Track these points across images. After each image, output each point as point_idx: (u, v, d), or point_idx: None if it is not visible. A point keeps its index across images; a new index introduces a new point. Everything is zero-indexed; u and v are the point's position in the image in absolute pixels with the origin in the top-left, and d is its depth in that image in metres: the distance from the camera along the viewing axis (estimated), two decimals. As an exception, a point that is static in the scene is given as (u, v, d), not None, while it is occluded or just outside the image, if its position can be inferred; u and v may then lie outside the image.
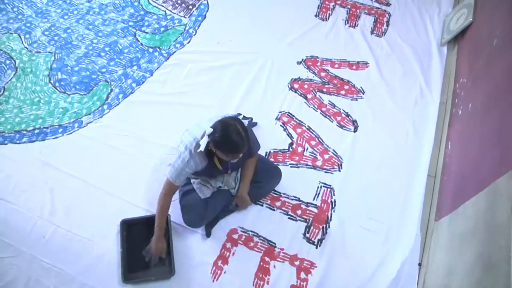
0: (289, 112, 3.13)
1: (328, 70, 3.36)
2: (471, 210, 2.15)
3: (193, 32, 3.60)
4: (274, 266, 2.52)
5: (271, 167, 2.72)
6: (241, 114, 2.98)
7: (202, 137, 2.13)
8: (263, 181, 2.66)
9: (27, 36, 3.57)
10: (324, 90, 3.25)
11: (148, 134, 3.00)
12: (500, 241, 1.73)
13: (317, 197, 2.76)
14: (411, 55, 3.45)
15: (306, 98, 3.20)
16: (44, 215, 2.69)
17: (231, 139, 2.07)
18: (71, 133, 3.05)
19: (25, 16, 3.71)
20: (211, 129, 2.09)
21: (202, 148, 2.11)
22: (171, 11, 3.75)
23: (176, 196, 2.64)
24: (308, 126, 3.06)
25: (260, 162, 2.63)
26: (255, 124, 3.01)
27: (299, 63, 3.41)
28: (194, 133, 2.24)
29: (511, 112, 2.08)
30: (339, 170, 2.87)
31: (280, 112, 3.13)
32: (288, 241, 2.60)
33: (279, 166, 2.76)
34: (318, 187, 2.80)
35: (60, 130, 3.06)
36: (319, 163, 2.90)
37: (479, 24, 3.17)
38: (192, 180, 2.55)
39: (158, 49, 3.49)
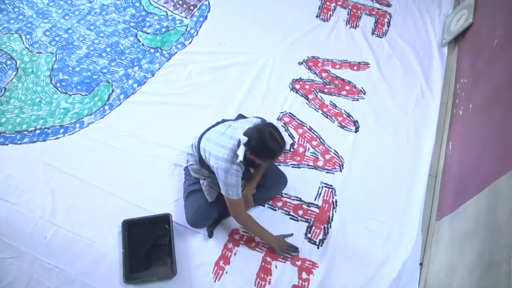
0: (290, 113, 3.13)
1: (329, 71, 3.37)
2: (472, 209, 2.15)
3: (194, 32, 3.61)
4: (276, 266, 2.52)
5: (277, 172, 2.73)
6: (241, 114, 2.97)
7: (238, 147, 2.18)
8: (269, 185, 2.67)
9: (28, 36, 3.57)
10: (325, 90, 3.26)
11: (150, 135, 3.00)
12: (501, 240, 1.73)
13: (319, 197, 2.77)
14: (411, 55, 3.46)
15: (307, 98, 3.21)
16: (45, 216, 2.68)
17: (268, 145, 2.12)
18: (72, 134, 3.04)
19: (26, 16, 3.71)
20: (246, 138, 2.13)
21: (240, 157, 2.14)
22: (172, 11, 3.76)
23: (179, 196, 2.65)
24: (310, 126, 3.07)
25: (268, 167, 2.64)
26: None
27: (300, 63, 3.41)
28: (224, 143, 2.26)
29: (510, 112, 2.08)
30: (341, 171, 2.88)
31: (281, 112, 3.13)
32: (290, 241, 2.59)
33: (280, 167, 2.77)
34: (319, 187, 2.80)
35: (61, 130, 3.06)
36: (320, 163, 2.90)
37: (479, 25, 3.18)
38: (201, 181, 2.56)
39: (159, 50, 3.49)
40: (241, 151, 2.14)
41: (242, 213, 2.41)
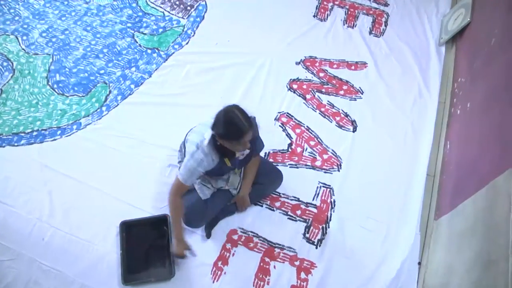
0: (288, 113, 3.13)
1: (327, 70, 3.37)
2: (470, 208, 2.15)
3: (191, 33, 3.60)
4: (274, 267, 2.52)
5: (273, 170, 2.73)
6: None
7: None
8: (264, 183, 2.66)
9: (25, 37, 3.56)
10: (323, 90, 3.26)
11: (147, 136, 2.99)
12: (499, 239, 1.73)
13: (317, 197, 2.77)
14: (409, 55, 3.46)
15: (305, 98, 3.21)
16: (43, 217, 2.67)
17: (232, 124, 2.06)
18: (69, 135, 3.04)
19: (22, 17, 3.70)
20: (213, 121, 2.11)
21: (206, 140, 2.14)
22: (169, 12, 3.75)
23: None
24: (307, 126, 3.06)
25: (262, 164, 2.63)
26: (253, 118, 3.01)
27: (297, 63, 3.41)
28: (201, 130, 2.25)
29: (509, 111, 2.09)
30: (338, 170, 2.87)
31: (279, 112, 3.13)
32: (288, 241, 2.60)
33: (278, 167, 2.77)
34: (317, 187, 2.80)
35: (59, 132, 3.05)
36: (318, 163, 2.90)
37: (477, 24, 3.18)
38: None
39: (156, 50, 3.48)
40: (208, 134, 2.14)
41: (173, 197, 2.36)
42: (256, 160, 2.54)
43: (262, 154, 2.86)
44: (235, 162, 2.37)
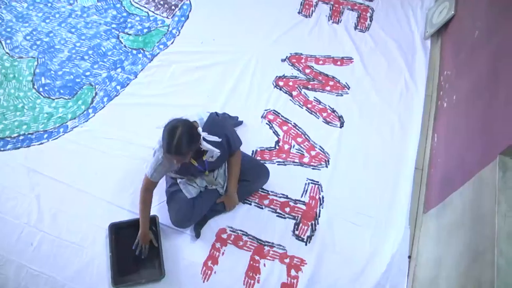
0: (274, 110, 3.12)
1: (313, 67, 3.37)
2: (458, 201, 2.16)
3: (176, 32, 3.59)
4: (264, 265, 2.52)
5: (257, 166, 2.72)
6: (226, 114, 2.97)
7: None
8: (250, 179, 2.66)
9: (8, 41, 3.53)
10: (309, 86, 3.26)
11: (134, 137, 2.98)
12: (486, 230, 1.74)
13: (305, 194, 2.77)
14: (395, 49, 3.46)
15: (291, 95, 3.20)
16: (31, 222, 2.66)
17: (166, 137, 2.08)
18: (56, 138, 3.02)
19: (5, 21, 3.66)
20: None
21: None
22: (153, 12, 3.73)
23: (163, 197, 2.63)
24: (294, 123, 3.06)
25: (247, 161, 2.62)
26: (241, 122, 3.00)
27: (283, 60, 3.40)
28: None
29: (493, 103, 2.09)
30: (326, 166, 2.88)
31: (265, 110, 3.13)
32: (278, 239, 2.60)
33: (266, 164, 2.76)
34: (305, 183, 2.80)
35: (45, 135, 3.03)
36: (306, 159, 2.90)
37: (461, 17, 3.19)
38: (178, 180, 2.55)
39: (141, 51, 3.47)
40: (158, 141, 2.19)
41: (142, 191, 2.39)
42: (236, 159, 2.52)
43: (249, 152, 2.87)
44: (204, 164, 2.36)
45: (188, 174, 2.47)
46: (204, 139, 2.18)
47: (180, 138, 2.04)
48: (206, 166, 2.40)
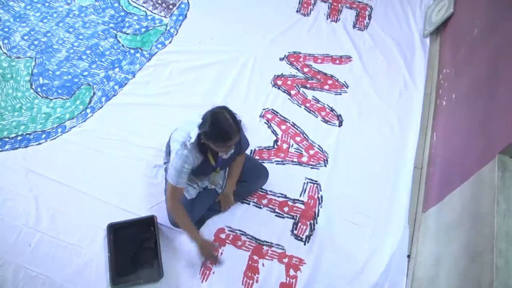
0: (273, 109, 3.12)
1: (311, 65, 3.36)
2: (457, 200, 2.16)
3: (174, 31, 3.57)
4: (263, 264, 2.52)
5: (257, 166, 2.71)
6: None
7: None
8: (249, 180, 2.65)
9: (6, 41, 3.52)
10: (308, 85, 3.25)
11: (132, 136, 2.97)
12: (485, 230, 1.74)
13: (304, 193, 2.76)
14: (394, 47, 3.46)
15: (289, 94, 3.20)
16: (30, 223, 2.65)
17: (220, 126, 2.05)
18: (54, 139, 3.00)
19: (2, 21, 3.65)
20: (201, 120, 2.09)
21: (193, 139, 2.11)
22: (151, 11, 3.72)
23: (164, 197, 2.63)
24: (293, 122, 3.05)
25: (247, 161, 2.61)
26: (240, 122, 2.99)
27: (281, 59, 3.40)
28: (186, 129, 2.22)
29: (492, 102, 2.09)
30: (325, 166, 2.87)
31: (264, 109, 3.12)
32: (276, 238, 2.59)
33: (264, 164, 2.75)
34: (304, 183, 2.80)
35: (43, 136, 3.02)
36: (304, 159, 2.89)
37: (460, 15, 3.19)
38: None
39: (139, 50, 3.46)
40: (194, 133, 2.12)
41: (172, 206, 2.33)
42: (240, 159, 2.53)
43: (247, 151, 2.85)
44: (218, 161, 2.35)
45: (202, 173, 2.44)
46: None
47: (233, 117, 2.08)
48: (219, 163, 2.39)
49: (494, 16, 2.45)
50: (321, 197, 2.75)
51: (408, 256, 2.54)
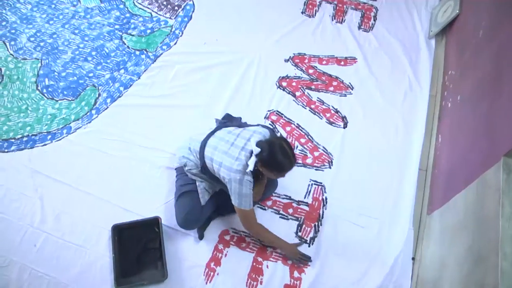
0: (277, 111, 3.11)
1: (316, 67, 3.35)
2: (461, 203, 2.14)
3: (179, 33, 3.58)
4: (267, 266, 2.51)
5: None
6: (229, 114, 2.96)
7: (249, 158, 2.18)
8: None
9: (12, 43, 3.54)
10: (313, 87, 3.24)
11: (137, 138, 2.98)
12: (489, 233, 1.73)
13: (308, 195, 2.75)
14: (399, 49, 3.45)
15: (294, 95, 3.19)
16: (35, 223, 2.66)
17: (278, 158, 2.14)
18: (60, 140, 3.02)
19: (9, 22, 3.68)
20: (259, 149, 2.14)
21: (251, 167, 2.15)
22: (157, 12, 3.73)
23: (168, 198, 2.64)
24: (297, 124, 3.05)
25: None
26: (245, 124, 2.99)
27: (286, 60, 3.39)
28: (235, 154, 2.23)
29: (498, 104, 2.08)
30: (330, 167, 2.86)
31: (268, 111, 3.12)
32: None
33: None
34: (309, 185, 2.79)
35: (49, 137, 3.03)
36: (309, 160, 2.89)
37: (465, 16, 3.17)
38: (197, 183, 2.51)
39: (145, 52, 3.47)
40: (252, 162, 2.15)
41: (254, 223, 2.41)
42: None
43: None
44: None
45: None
46: None
47: (291, 149, 2.20)
48: None
49: (500, 18, 2.43)
50: (326, 199, 2.74)
51: (413, 259, 2.53)
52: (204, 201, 2.50)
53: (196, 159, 2.44)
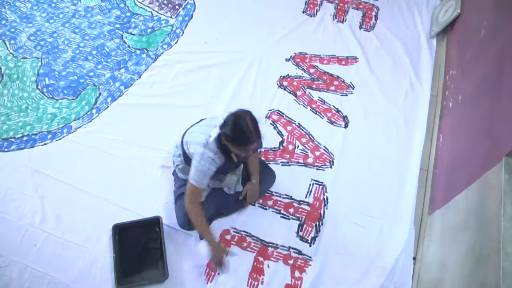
0: (278, 110, 3.11)
1: (317, 66, 3.35)
2: (462, 203, 2.14)
3: (180, 32, 3.57)
4: (268, 266, 2.51)
5: (265, 169, 2.70)
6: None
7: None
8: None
9: (12, 41, 3.53)
10: (314, 86, 3.24)
11: (138, 137, 2.97)
12: (491, 233, 1.72)
13: (309, 194, 2.75)
14: (400, 48, 3.45)
15: (295, 95, 3.19)
16: (35, 223, 2.65)
17: (242, 130, 2.05)
18: (60, 139, 3.01)
19: (9, 21, 3.66)
20: (222, 121, 2.09)
21: (212, 137, 2.12)
22: (157, 12, 3.72)
23: (169, 198, 2.63)
24: (298, 123, 3.05)
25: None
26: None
27: (287, 60, 3.39)
28: (204, 131, 2.22)
29: (499, 104, 2.07)
30: (331, 167, 2.86)
31: (269, 110, 3.11)
32: (282, 240, 2.58)
33: (270, 165, 2.75)
34: (310, 184, 2.79)
35: (49, 136, 3.02)
36: (310, 160, 2.89)
37: (467, 16, 3.17)
38: None
39: (145, 51, 3.46)
40: (214, 132, 2.12)
41: (196, 203, 2.31)
42: (256, 155, 2.55)
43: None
44: (239, 158, 2.35)
45: (224, 172, 2.45)
46: None
47: (255, 122, 2.08)
48: (238, 161, 2.39)
49: (501, 17, 2.43)
50: (327, 198, 2.74)
51: (414, 258, 2.53)
52: (201, 198, 2.47)
53: (179, 150, 2.44)
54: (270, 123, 3.04)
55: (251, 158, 2.53)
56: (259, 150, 2.62)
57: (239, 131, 2.05)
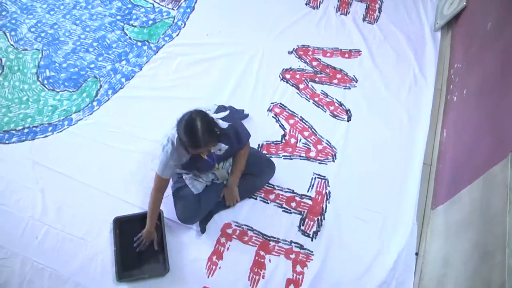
0: (281, 103, 3.08)
1: (320, 59, 3.32)
2: (466, 198, 2.12)
3: (182, 24, 3.54)
4: (270, 260, 2.50)
5: (264, 160, 2.68)
6: (232, 107, 2.93)
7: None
8: (256, 173, 2.62)
9: (13, 33, 3.51)
10: (316, 79, 3.21)
11: (139, 130, 2.96)
12: (496, 230, 1.70)
13: (312, 188, 2.73)
14: (404, 41, 3.41)
15: (298, 88, 3.16)
16: (36, 216, 2.65)
17: (189, 135, 2.03)
18: (61, 131, 3.00)
19: (9, 12, 3.64)
20: (176, 121, 2.12)
21: (166, 138, 2.19)
22: (159, 3, 3.69)
23: (169, 192, 2.61)
24: (301, 116, 3.02)
25: (252, 154, 2.59)
26: (247, 116, 2.97)
27: (290, 52, 3.36)
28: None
29: (505, 98, 2.04)
30: (333, 161, 2.84)
31: (272, 103, 3.09)
32: (283, 234, 2.57)
33: (272, 159, 2.73)
34: (312, 178, 2.77)
35: (50, 128, 3.01)
36: (312, 154, 2.87)
37: (472, 8, 3.12)
38: (184, 176, 2.52)
39: (146, 43, 3.43)
40: (171, 133, 2.16)
41: (154, 192, 2.36)
42: (245, 151, 2.50)
43: (255, 146, 2.83)
44: (212, 156, 2.34)
45: (194, 169, 2.45)
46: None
47: (203, 130, 2.03)
48: (215, 159, 2.38)
49: (508, 10, 2.39)
50: (329, 192, 2.72)
51: (416, 254, 2.51)
52: (197, 190, 2.48)
53: None
54: (273, 116, 3.02)
55: (237, 156, 2.52)
56: (250, 146, 2.58)
57: (188, 134, 2.04)
